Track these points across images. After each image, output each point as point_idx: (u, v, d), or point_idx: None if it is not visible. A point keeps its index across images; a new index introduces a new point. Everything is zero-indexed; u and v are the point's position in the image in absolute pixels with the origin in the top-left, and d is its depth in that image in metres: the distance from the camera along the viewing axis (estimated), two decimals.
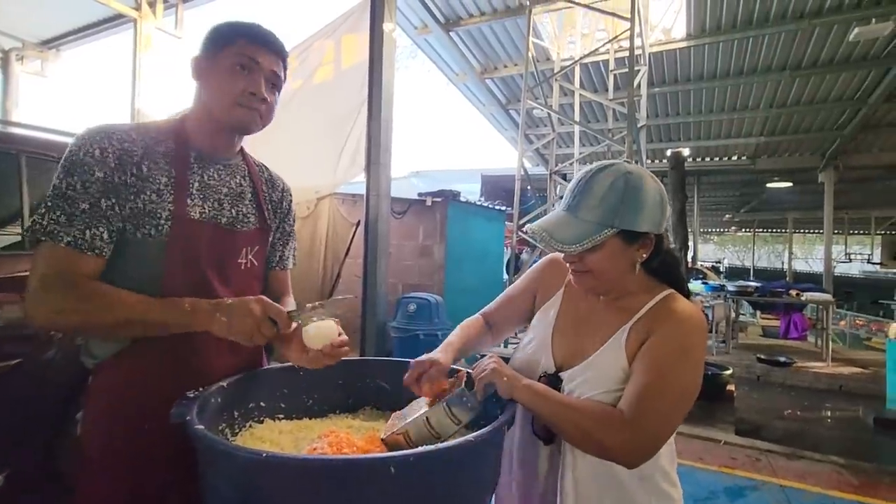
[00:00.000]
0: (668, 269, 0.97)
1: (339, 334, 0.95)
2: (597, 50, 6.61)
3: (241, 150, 1.13)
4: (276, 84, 1.03)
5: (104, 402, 0.94)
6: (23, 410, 2.02)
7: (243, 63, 0.96)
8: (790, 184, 12.35)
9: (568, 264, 0.95)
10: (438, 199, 6.16)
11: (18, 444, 2.04)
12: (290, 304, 1.19)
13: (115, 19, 6.24)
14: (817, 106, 8.33)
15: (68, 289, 0.85)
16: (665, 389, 0.82)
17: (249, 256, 1.07)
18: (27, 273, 2.20)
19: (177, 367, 0.94)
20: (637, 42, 5.76)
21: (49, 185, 2.40)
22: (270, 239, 1.15)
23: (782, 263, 26.06)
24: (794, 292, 7.20)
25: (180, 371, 0.94)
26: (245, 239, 1.06)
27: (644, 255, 0.92)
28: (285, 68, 1.06)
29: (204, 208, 0.99)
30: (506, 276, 7.81)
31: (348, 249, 4.50)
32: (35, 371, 2.04)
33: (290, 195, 1.22)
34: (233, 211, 1.04)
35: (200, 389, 0.89)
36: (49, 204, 0.87)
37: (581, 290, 0.98)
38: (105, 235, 0.89)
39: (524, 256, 8.08)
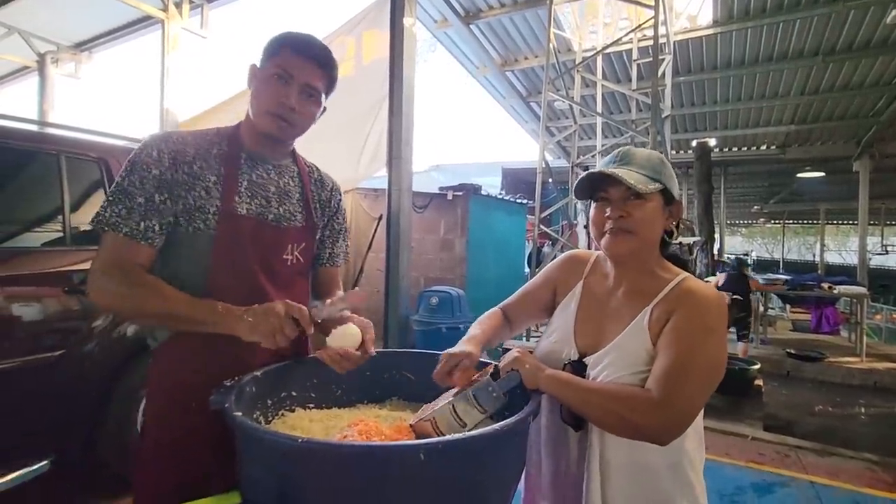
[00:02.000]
0: (678, 262, 1.01)
1: (360, 344, 1.00)
2: (619, 39, 6.49)
3: (293, 151, 1.18)
4: (312, 94, 1.05)
5: (161, 384, 1.02)
6: (65, 399, 2.12)
7: (279, 74, 1.01)
8: (822, 173, 11.94)
9: (610, 222, 0.94)
10: (459, 193, 6.17)
11: (62, 432, 2.15)
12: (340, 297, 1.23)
13: (143, 21, 6.41)
14: (852, 92, 8.02)
15: (123, 276, 0.93)
16: (692, 366, 0.84)
17: (295, 253, 1.11)
18: (68, 268, 2.31)
19: (224, 352, 1.00)
20: (661, 30, 5.64)
21: (87, 183, 2.48)
22: (318, 236, 1.20)
23: (813, 256, 25.27)
24: (826, 285, 6.99)
25: (227, 356, 1.00)
26: (290, 235, 1.10)
27: (672, 225, 0.97)
28: (331, 79, 1.09)
29: (251, 205, 1.04)
30: (527, 270, 7.78)
31: (371, 243, 4.56)
32: (76, 362, 2.14)
33: (340, 194, 1.27)
34: (280, 209, 1.09)
35: (236, 378, 0.93)
36: (111, 198, 0.96)
37: (613, 255, 0.98)
38: (157, 227, 0.97)
39: (546, 250, 8.04)
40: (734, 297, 5.73)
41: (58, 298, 2.11)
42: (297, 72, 1.02)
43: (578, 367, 0.94)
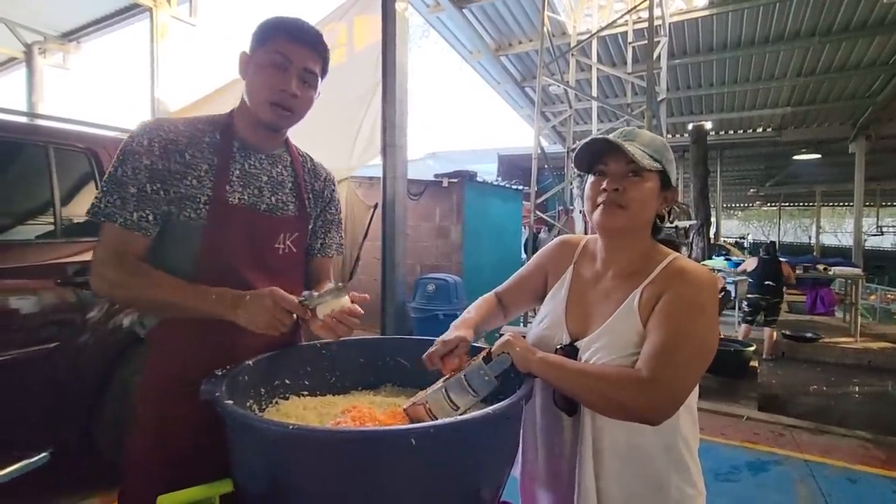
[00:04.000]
0: (671, 246, 1.01)
1: (349, 304, 0.97)
2: (614, 22, 6.43)
3: (287, 140, 1.18)
4: (309, 80, 1.05)
5: (152, 371, 1.04)
6: (61, 391, 2.12)
7: (277, 61, 1.00)
8: (818, 155, 11.93)
9: (605, 194, 0.93)
10: (455, 180, 6.15)
11: (59, 423, 2.15)
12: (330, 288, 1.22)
13: (131, 9, 6.30)
14: (848, 73, 7.99)
15: (119, 265, 0.95)
16: (681, 345, 0.83)
17: (287, 242, 1.11)
18: (60, 260, 2.29)
19: (214, 339, 1.00)
20: (657, 12, 5.59)
21: (77, 174, 2.45)
22: (311, 226, 1.19)
23: (809, 238, 25.38)
24: (821, 267, 7.03)
25: (219, 342, 1.00)
26: (283, 225, 1.10)
27: (665, 209, 0.97)
28: (325, 62, 1.08)
29: (243, 195, 1.04)
30: (524, 256, 7.79)
31: (366, 232, 4.54)
32: (71, 354, 2.13)
33: (334, 184, 1.26)
34: (272, 198, 1.09)
35: (228, 368, 0.92)
36: (105, 188, 0.96)
37: (603, 227, 0.96)
38: (151, 217, 0.97)
39: (542, 235, 8.04)
40: (766, 283, 5.69)
41: (51, 291, 2.10)
42: (296, 57, 1.01)
43: (570, 352, 0.94)
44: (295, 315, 0.95)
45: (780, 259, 5.99)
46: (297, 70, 1.02)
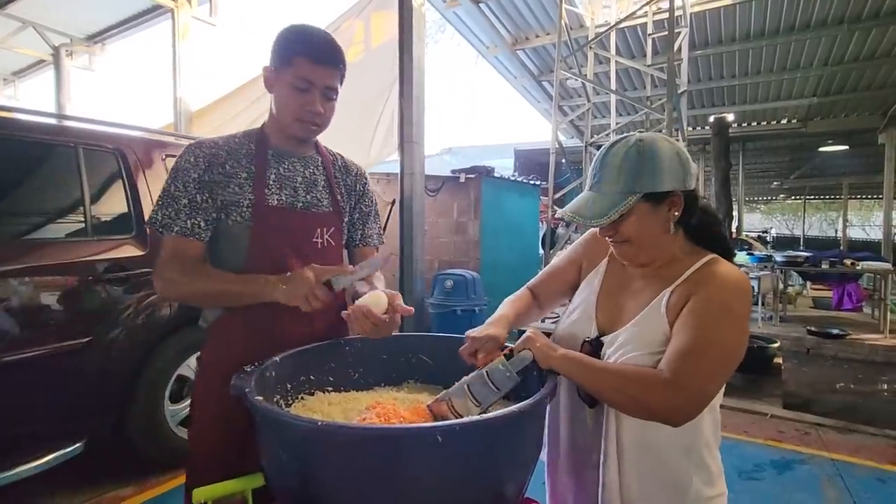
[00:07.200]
0: (708, 226, 0.97)
1: (385, 311, 1.03)
2: (634, 13, 6.32)
3: (317, 143, 1.28)
4: (330, 94, 1.14)
5: (210, 360, 1.16)
6: (94, 384, 2.19)
7: (299, 85, 1.09)
8: (846, 147, 11.58)
9: (607, 239, 0.96)
10: (472, 176, 6.14)
11: (93, 415, 2.22)
12: (378, 277, 1.28)
13: (153, 10, 6.42)
14: (878, 61, 7.71)
15: (178, 267, 1.09)
16: (707, 348, 0.82)
17: (326, 236, 1.22)
18: (91, 258, 2.36)
19: (264, 330, 1.13)
20: (677, 2, 5.48)
21: (105, 174, 2.53)
22: (347, 220, 1.30)
23: (836, 231, 24.69)
24: (848, 261, 6.83)
25: (267, 334, 1.12)
26: (319, 220, 1.21)
27: (676, 214, 0.92)
28: (344, 70, 1.16)
29: (281, 196, 1.16)
30: (541, 252, 7.75)
31: (385, 228, 4.56)
32: (103, 349, 2.20)
33: (366, 178, 1.37)
34: (307, 196, 1.20)
35: (256, 364, 0.95)
36: (160, 202, 1.10)
37: (626, 261, 0.98)
38: (202, 224, 1.11)
39: (560, 231, 7.98)
40: None
41: (82, 287, 2.17)
42: (318, 79, 1.10)
43: (596, 346, 0.95)
44: (337, 289, 1.03)
45: None
46: (320, 90, 1.11)
